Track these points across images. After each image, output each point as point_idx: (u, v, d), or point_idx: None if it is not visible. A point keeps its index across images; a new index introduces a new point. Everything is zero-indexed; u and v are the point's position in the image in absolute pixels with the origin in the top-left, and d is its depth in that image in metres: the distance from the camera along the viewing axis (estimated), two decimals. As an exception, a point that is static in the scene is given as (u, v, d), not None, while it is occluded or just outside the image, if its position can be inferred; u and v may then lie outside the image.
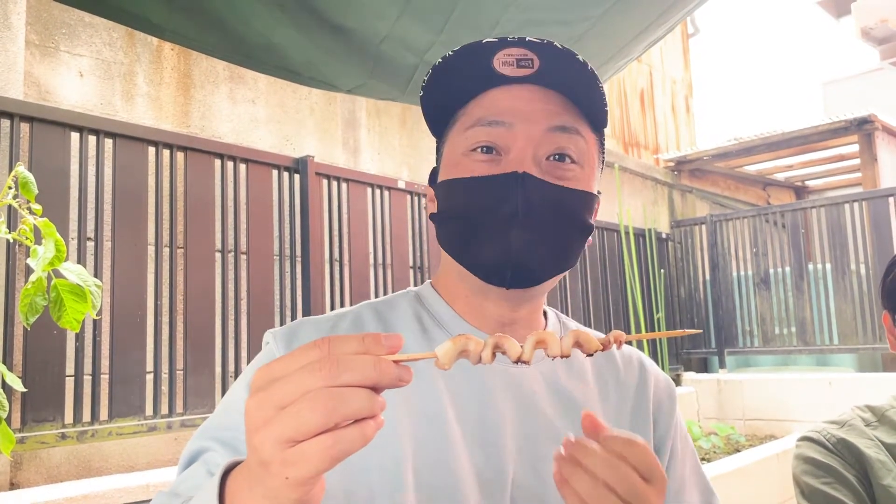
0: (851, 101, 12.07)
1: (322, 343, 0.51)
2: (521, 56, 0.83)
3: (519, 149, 0.83)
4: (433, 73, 0.86)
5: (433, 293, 0.94)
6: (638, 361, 1.01)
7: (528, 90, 0.86)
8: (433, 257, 4.47)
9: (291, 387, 0.49)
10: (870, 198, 6.13)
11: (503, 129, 0.84)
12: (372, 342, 0.51)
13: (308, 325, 0.88)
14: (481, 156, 0.84)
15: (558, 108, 0.85)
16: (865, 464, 1.33)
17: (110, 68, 3.39)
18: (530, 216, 0.81)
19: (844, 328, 6.02)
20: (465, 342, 0.57)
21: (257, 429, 0.50)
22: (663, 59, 9.35)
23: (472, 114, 0.87)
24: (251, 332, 3.42)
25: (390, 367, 0.51)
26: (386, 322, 0.90)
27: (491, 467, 0.82)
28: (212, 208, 3.35)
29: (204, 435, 0.80)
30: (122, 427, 2.86)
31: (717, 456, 4.90)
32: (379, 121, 4.74)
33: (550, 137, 0.84)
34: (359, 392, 0.49)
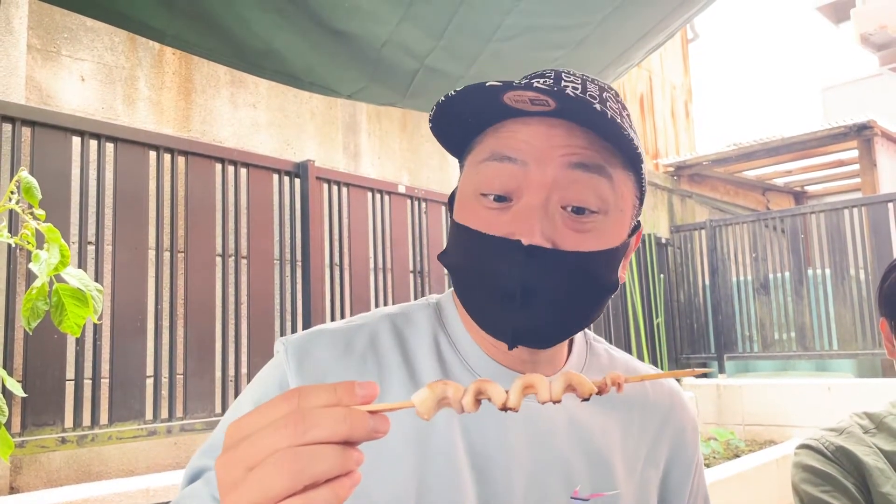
0: (851, 107, 12.08)
1: (292, 395, 0.47)
2: (533, 97, 0.73)
3: (531, 195, 0.75)
4: (437, 109, 0.78)
5: (453, 310, 0.88)
6: (669, 394, 0.96)
7: (549, 125, 0.76)
8: (433, 262, 4.47)
9: (258, 446, 0.46)
10: (869, 203, 6.14)
11: (516, 167, 0.75)
12: (344, 392, 0.47)
13: (323, 339, 0.83)
14: (492, 202, 0.76)
15: (581, 143, 0.76)
16: (864, 471, 1.33)
17: (112, 73, 3.40)
18: (533, 293, 0.74)
19: (844, 333, 6.02)
20: (443, 389, 0.52)
21: (227, 492, 0.47)
22: (663, 65, 9.37)
23: (486, 144, 0.79)
24: (251, 337, 3.42)
25: (363, 419, 0.47)
26: (402, 340, 0.85)
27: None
28: (212, 212, 3.35)
29: (208, 452, 0.78)
30: (122, 431, 2.86)
31: (716, 461, 4.90)
32: (379, 125, 4.75)
33: (569, 177, 0.75)
34: (328, 450, 0.45)
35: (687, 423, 0.96)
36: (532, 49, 1.73)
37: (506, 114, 0.77)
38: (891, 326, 1.32)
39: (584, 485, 0.83)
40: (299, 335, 0.83)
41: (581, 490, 0.82)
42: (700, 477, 0.97)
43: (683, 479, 0.94)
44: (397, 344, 0.83)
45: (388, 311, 0.89)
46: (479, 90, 0.73)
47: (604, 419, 0.88)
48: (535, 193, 0.75)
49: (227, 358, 3.31)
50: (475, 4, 1.53)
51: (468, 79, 1.79)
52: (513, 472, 0.80)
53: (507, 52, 1.70)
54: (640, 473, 0.89)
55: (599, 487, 0.83)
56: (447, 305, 0.89)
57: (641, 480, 0.89)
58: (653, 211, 7.57)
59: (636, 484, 0.88)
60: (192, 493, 0.75)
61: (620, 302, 6.22)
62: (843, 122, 7.35)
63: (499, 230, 0.75)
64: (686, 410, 0.97)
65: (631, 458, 0.88)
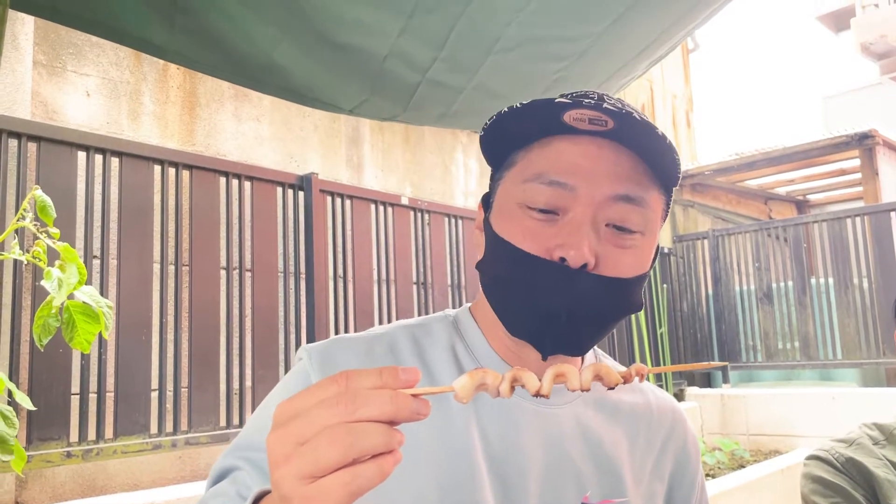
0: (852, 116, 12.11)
1: (340, 378, 0.51)
2: (594, 117, 0.76)
3: (579, 212, 0.78)
4: (497, 118, 0.81)
5: (472, 323, 0.91)
6: (671, 411, 0.99)
7: (598, 145, 0.79)
8: (437, 273, 4.47)
9: (310, 423, 0.50)
10: (872, 212, 6.14)
11: (565, 191, 0.78)
12: (389, 376, 0.51)
13: (343, 345, 0.86)
14: (537, 214, 0.79)
15: (627, 171, 0.79)
16: (874, 483, 1.33)
17: (117, 87, 3.42)
18: (576, 314, 0.78)
19: (848, 342, 6.01)
20: (482, 376, 0.57)
21: (278, 465, 0.51)
22: (664, 74, 9.40)
23: (533, 162, 0.81)
24: (256, 349, 3.42)
25: (408, 400, 0.51)
26: (421, 348, 0.87)
27: None
28: (217, 226, 3.36)
29: (235, 452, 0.79)
30: (127, 445, 2.86)
31: (721, 472, 4.88)
32: (382, 137, 4.77)
33: (614, 206, 0.78)
34: (376, 427, 0.49)
35: (689, 439, 0.98)
36: (533, 60, 1.73)
37: (556, 130, 0.80)
38: (902, 338, 1.32)
39: (595, 491, 0.85)
40: (321, 343, 0.86)
41: (591, 496, 0.85)
42: (702, 492, 0.99)
43: (687, 496, 0.96)
44: (416, 352, 0.86)
45: (405, 322, 0.92)
46: (545, 105, 0.76)
47: (612, 430, 0.90)
48: (582, 210, 0.78)
49: (231, 371, 3.31)
50: (475, 16, 1.54)
51: (469, 90, 1.79)
52: (527, 476, 0.82)
53: (509, 63, 1.71)
54: (646, 485, 0.91)
55: (609, 494, 0.86)
56: (464, 318, 0.91)
57: (648, 492, 0.91)
58: (655, 221, 7.55)
59: (643, 495, 0.90)
60: (218, 491, 0.75)
61: (624, 312, 6.19)
62: (844, 132, 7.36)
63: (545, 243, 0.78)
64: (687, 427, 1.00)
65: (638, 469, 0.90)
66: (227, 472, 0.78)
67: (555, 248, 0.77)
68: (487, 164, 0.90)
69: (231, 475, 0.77)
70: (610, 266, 0.78)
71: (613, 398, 0.93)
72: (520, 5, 1.52)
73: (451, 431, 0.81)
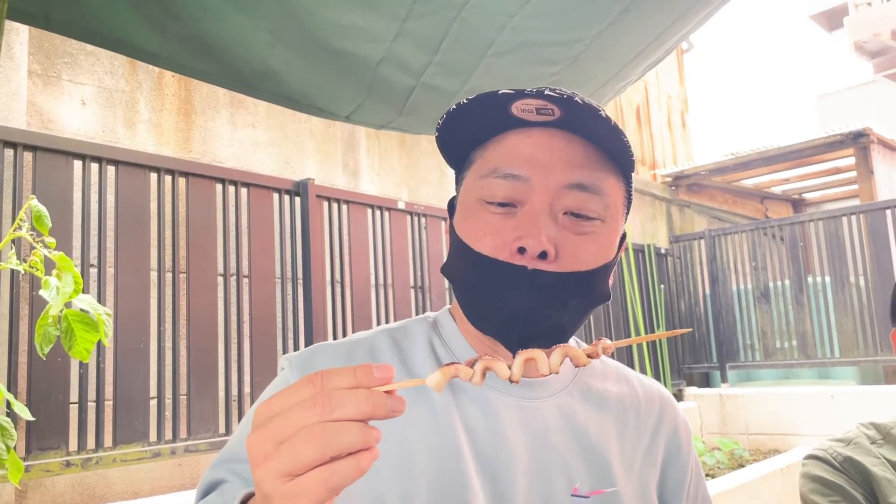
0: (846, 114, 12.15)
1: (316, 378, 0.53)
2: (540, 106, 0.78)
3: (536, 203, 0.80)
4: (448, 116, 0.83)
5: (451, 322, 0.92)
6: (659, 397, 1.00)
7: (550, 135, 0.81)
8: (434, 277, 4.48)
9: (288, 422, 0.51)
10: (867, 210, 6.16)
11: (520, 183, 0.80)
12: (363, 374, 0.53)
13: (324, 352, 0.87)
14: (496, 208, 0.81)
15: (580, 159, 0.81)
16: (872, 482, 1.33)
17: (112, 96, 3.42)
18: (537, 314, 0.79)
19: (845, 341, 6.02)
20: (454, 371, 0.59)
21: (258, 464, 0.52)
22: (658, 75, 9.42)
23: (488, 159, 0.83)
24: (254, 356, 3.42)
25: (383, 399, 0.52)
26: (401, 350, 0.89)
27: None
28: (213, 233, 3.36)
29: (221, 465, 0.80)
30: (126, 454, 2.85)
31: (721, 472, 4.88)
32: (378, 142, 4.77)
33: (569, 195, 0.80)
34: (353, 426, 0.51)
35: (679, 423, 0.99)
36: (527, 64, 1.74)
37: (508, 125, 0.82)
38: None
39: (583, 482, 0.86)
40: (301, 351, 0.88)
41: (580, 487, 0.85)
42: (698, 479, 0.99)
43: (680, 480, 0.96)
44: (396, 354, 0.88)
45: (385, 327, 0.93)
46: (490, 98, 0.78)
47: (599, 420, 0.91)
48: (539, 200, 0.80)
49: (229, 377, 3.30)
50: (469, 20, 1.54)
51: (463, 94, 1.80)
52: (515, 470, 0.83)
53: (503, 67, 1.71)
54: (638, 472, 0.91)
55: (598, 485, 0.86)
56: (443, 318, 0.93)
57: (640, 479, 0.91)
58: (652, 221, 7.58)
59: (635, 482, 0.90)
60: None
61: (622, 313, 6.22)
62: (839, 130, 7.39)
63: (504, 236, 0.80)
64: (676, 411, 1.00)
65: (628, 457, 0.91)
66: (215, 485, 0.78)
67: (513, 241, 0.79)
68: (450, 167, 0.92)
69: (219, 488, 0.78)
70: (570, 255, 0.80)
71: (600, 389, 0.94)
72: (514, 9, 1.52)
73: (437, 430, 0.82)
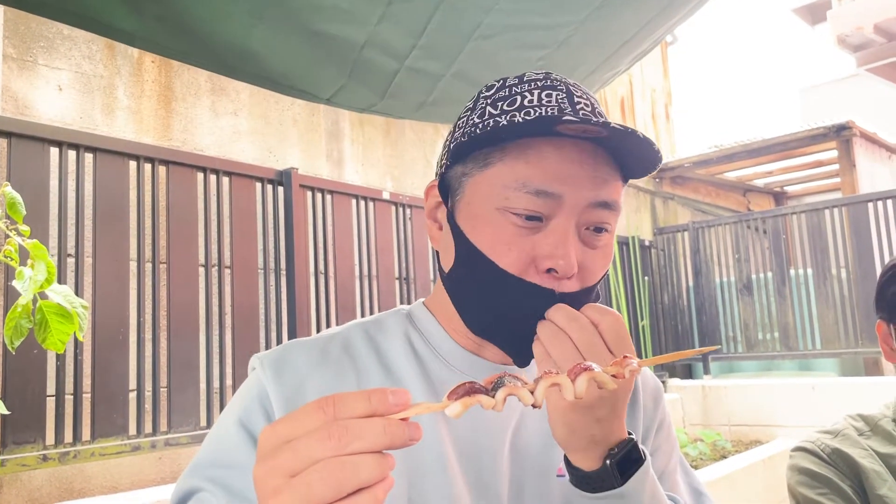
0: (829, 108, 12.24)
1: (327, 404, 0.50)
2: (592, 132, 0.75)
3: (564, 220, 0.77)
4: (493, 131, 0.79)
5: (428, 316, 0.90)
6: (653, 385, 1.00)
7: (579, 149, 0.78)
8: (419, 268, 4.45)
9: (300, 455, 0.48)
10: (849, 203, 6.20)
11: (551, 200, 0.77)
12: (379, 401, 0.50)
13: (297, 350, 0.84)
14: (521, 221, 0.77)
15: (605, 174, 0.79)
16: (860, 474, 1.33)
17: (90, 81, 3.35)
18: None
19: (827, 332, 6.07)
20: (475, 401, 0.56)
21: (267, 498, 0.50)
22: (643, 69, 9.43)
23: (516, 169, 0.78)
24: (236, 348, 3.38)
25: (400, 429, 0.49)
26: (376, 344, 0.87)
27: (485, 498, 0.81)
28: (195, 222, 3.30)
29: (195, 473, 0.77)
30: (104, 447, 2.80)
31: (704, 463, 4.90)
32: (363, 132, 4.73)
33: (594, 212, 0.79)
34: (369, 459, 0.48)
35: (650, 382, 1.00)
36: (513, 48, 1.72)
37: (536, 130, 0.78)
38: (890, 329, 1.31)
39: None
40: (272, 350, 0.85)
41: (565, 468, 0.84)
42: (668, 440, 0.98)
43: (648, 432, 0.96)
44: (371, 348, 0.86)
45: (359, 321, 0.91)
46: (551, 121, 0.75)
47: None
48: (566, 218, 0.77)
49: (211, 370, 3.26)
50: (455, 3, 1.52)
51: (448, 78, 1.77)
52: (498, 456, 0.82)
53: (489, 50, 1.69)
54: None
55: None
56: (419, 312, 0.91)
57: None
58: (636, 214, 7.59)
59: None
60: None
61: (605, 304, 6.21)
62: (822, 123, 7.43)
63: (530, 252, 0.77)
64: (647, 373, 1.01)
65: None
66: (190, 495, 0.75)
67: (542, 259, 0.77)
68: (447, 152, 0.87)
69: (195, 497, 0.75)
70: (588, 270, 0.79)
71: None
72: (500, -8, 1.50)
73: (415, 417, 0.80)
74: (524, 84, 0.83)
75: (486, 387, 0.56)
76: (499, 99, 0.83)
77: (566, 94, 0.82)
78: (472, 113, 0.86)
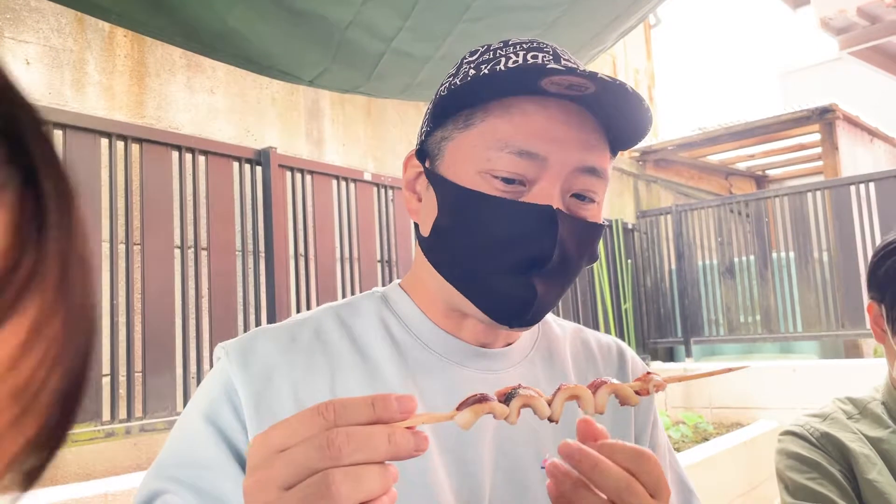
0: (811, 91, 12.30)
1: (327, 410, 0.46)
2: (577, 83, 0.72)
3: (547, 183, 0.74)
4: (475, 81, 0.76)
5: (404, 297, 0.87)
6: (617, 352, 0.98)
7: (566, 111, 0.75)
8: (401, 251, 4.39)
9: (297, 466, 0.44)
10: (832, 186, 6.22)
11: (535, 162, 0.73)
12: (383, 408, 0.46)
13: (265, 337, 0.79)
14: (502, 184, 0.74)
15: (593, 140, 0.77)
16: (850, 458, 1.31)
17: (59, 56, 3.24)
18: (561, 259, 0.75)
19: (808, 315, 6.11)
20: (487, 409, 0.52)
21: None
22: (626, 50, 9.39)
23: (497, 128, 0.75)
24: (213, 331, 3.31)
25: (405, 439, 0.45)
26: (349, 328, 0.83)
27: (467, 487, 0.77)
28: (170, 203, 3.22)
29: (160, 473, 0.72)
30: (77, 433, 2.74)
31: (686, 445, 4.92)
32: (343, 111, 4.64)
33: (580, 178, 0.76)
34: (372, 471, 0.44)
35: (638, 370, 0.98)
36: (502, 30, 1.68)
37: (519, 89, 0.75)
38: (881, 310, 1.28)
39: (553, 452, 0.82)
40: (238, 338, 0.81)
41: (550, 458, 0.81)
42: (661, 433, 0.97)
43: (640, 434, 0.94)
44: (344, 333, 0.82)
45: (330, 305, 0.88)
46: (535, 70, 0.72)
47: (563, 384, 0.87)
48: (551, 182, 0.74)
49: (188, 354, 3.20)
50: (443, -16, 1.48)
51: (436, 60, 1.74)
52: (482, 446, 0.79)
53: (477, 32, 1.65)
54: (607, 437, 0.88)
55: None
56: (394, 293, 0.88)
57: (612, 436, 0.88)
58: (619, 197, 7.58)
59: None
60: None
61: (589, 288, 6.23)
62: (805, 106, 7.44)
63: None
64: (635, 359, 0.99)
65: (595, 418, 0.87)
66: (155, 496, 0.70)
67: None
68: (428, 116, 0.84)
69: (160, 499, 0.69)
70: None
71: (560, 353, 0.92)
72: (490, -27, 1.47)
73: None
74: (509, 47, 0.80)
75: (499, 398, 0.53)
76: (483, 62, 0.80)
77: (552, 55, 0.79)
78: (454, 78, 0.82)
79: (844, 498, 1.26)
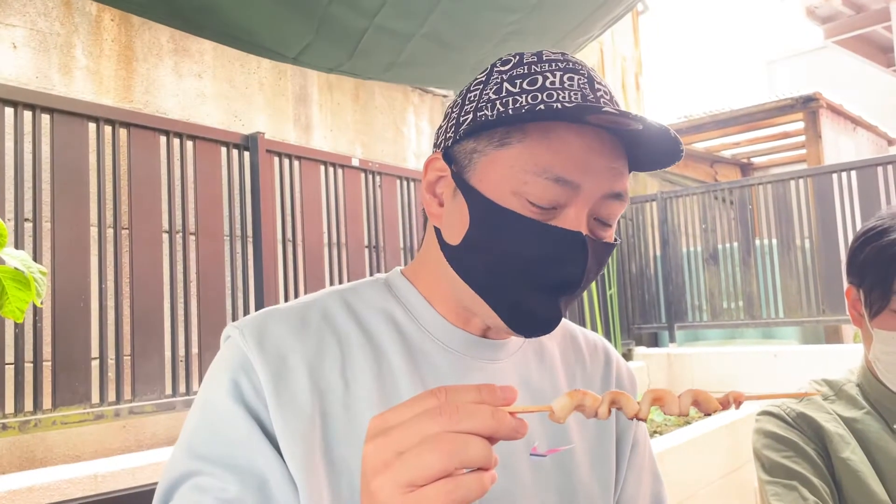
0: (796, 80, 12.36)
1: (439, 392, 0.52)
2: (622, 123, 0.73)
3: (577, 209, 0.76)
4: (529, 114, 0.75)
5: (407, 284, 0.88)
6: (603, 351, 1.02)
7: (600, 139, 0.77)
8: (388, 237, 4.41)
9: (411, 432, 0.50)
10: (814, 174, 6.28)
11: (568, 189, 0.75)
12: (488, 393, 0.52)
13: (277, 317, 0.80)
14: (532, 208, 0.75)
15: (621, 166, 0.79)
16: (824, 437, 1.34)
17: (46, 39, 3.22)
18: (586, 282, 0.78)
19: (789, 302, 6.18)
20: (581, 397, 0.57)
21: (377, 472, 0.51)
22: (613, 37, 9.39)
23: (535, 152, 0.75)
24: (201, 316, 3.32)
25: (507, 418, 0.51)
26: (355, 312, 0.84)
27: None
28: (158, 187, 3.22)
29: (189, 454, 0.72)
30: (66, 416, 2.75)
31: (668, 429, 5.00)
32: (331, 97, 4.64)
33: (606, 203, 0.78)
34: (478, 440, 0.49)
35: (623, 372, 1.02)
36: (485, 9, 1.68)
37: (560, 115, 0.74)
38: (859, 294, 1.32)
39: (541, 442, 0.86)
40: (250, 317, 0.81)
41: (539, 446, 0.86)
42: (644, 429, 1.01)
43: (626, 426, 0.98)
44: (350, 317, 0.84)
45: (335, 288, 0.89)
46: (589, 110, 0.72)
47: (551, 378, 0.92)
48: (580, 208, 0.77)
49: (176, 338, 3.21)
50: (427, -39, 1.48)
51: (419, 38, 1.73)
52: None
53: (460, 12, 1.65)
54: (593, 426, 0.93)
55: (555, 443, 0.88)
56: (398, 282, 0.89)
57: (597, 432, 0.93)
58: (605, 183, 7.60)
59: (591, 436, 0.92)
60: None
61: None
62: (789, 95, 7.50)
63: None
64: (620, 362, 1.03)
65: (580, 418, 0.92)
66: (185, 479, 0.70)
67: None
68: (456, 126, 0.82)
69: (191, 481, 0.70)
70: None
71: (549, 347, 0.95)
72: (474, -50, 1.46)
73: (396, 401, 0.78)
74: (544, 63, 0.80)
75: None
76: (517, 76, 0.79)
77: (587, 80, 0.79)
78: (485, 87, 0.81)
79: (818, 476, 1.29)
